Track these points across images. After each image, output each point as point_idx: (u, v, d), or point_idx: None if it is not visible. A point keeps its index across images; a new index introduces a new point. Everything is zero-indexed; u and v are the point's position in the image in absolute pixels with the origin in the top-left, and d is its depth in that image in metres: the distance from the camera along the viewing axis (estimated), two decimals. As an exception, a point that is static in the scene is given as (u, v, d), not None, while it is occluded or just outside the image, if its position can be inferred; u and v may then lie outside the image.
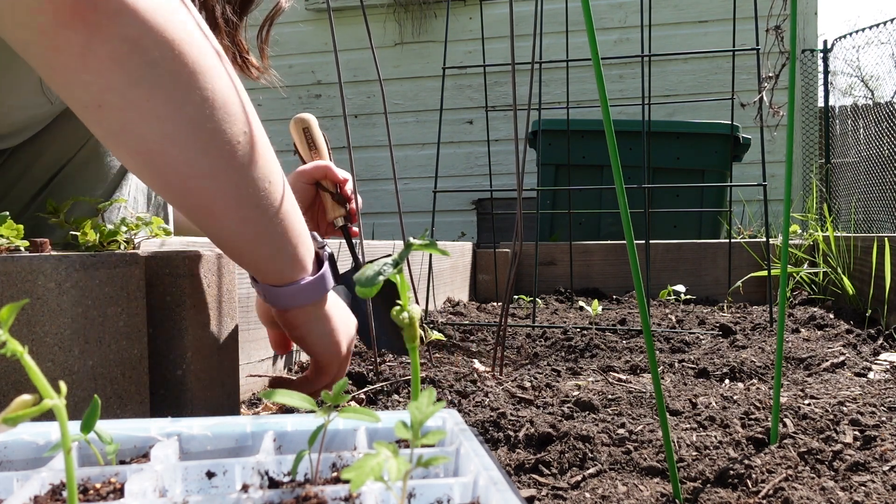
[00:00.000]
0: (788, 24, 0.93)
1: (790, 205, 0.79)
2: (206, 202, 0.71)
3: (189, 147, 0.67)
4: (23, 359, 0.37)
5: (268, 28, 1.12)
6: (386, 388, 1.06)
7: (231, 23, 1.04)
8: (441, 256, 1.78)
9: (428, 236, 0.50)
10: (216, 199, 0.71)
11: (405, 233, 1.31)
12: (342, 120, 1.16)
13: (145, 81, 0.62)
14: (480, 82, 5.16)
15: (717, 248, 2.45)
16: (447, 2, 2.00)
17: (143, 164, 0.69)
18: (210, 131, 0.67)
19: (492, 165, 2.97)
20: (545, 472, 0.77)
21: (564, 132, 3.09)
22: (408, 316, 0.47)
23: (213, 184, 0.70)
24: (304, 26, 5.54)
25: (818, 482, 0.72)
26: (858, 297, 1.85)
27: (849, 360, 1.28)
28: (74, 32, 0.59)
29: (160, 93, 0.63)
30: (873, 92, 11.13)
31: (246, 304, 1.13)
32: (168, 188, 0.71)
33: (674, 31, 5.03)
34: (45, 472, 0.46)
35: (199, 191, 0.70)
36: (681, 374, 1.23)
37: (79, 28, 0.59)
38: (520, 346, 1.50)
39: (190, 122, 0.66)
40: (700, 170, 3.27)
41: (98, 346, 0.66)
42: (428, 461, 0.41)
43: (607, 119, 0.67)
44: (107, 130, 0.66)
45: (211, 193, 0.71)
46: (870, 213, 6.18)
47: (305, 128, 1.33)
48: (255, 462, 0.48)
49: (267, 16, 1.10)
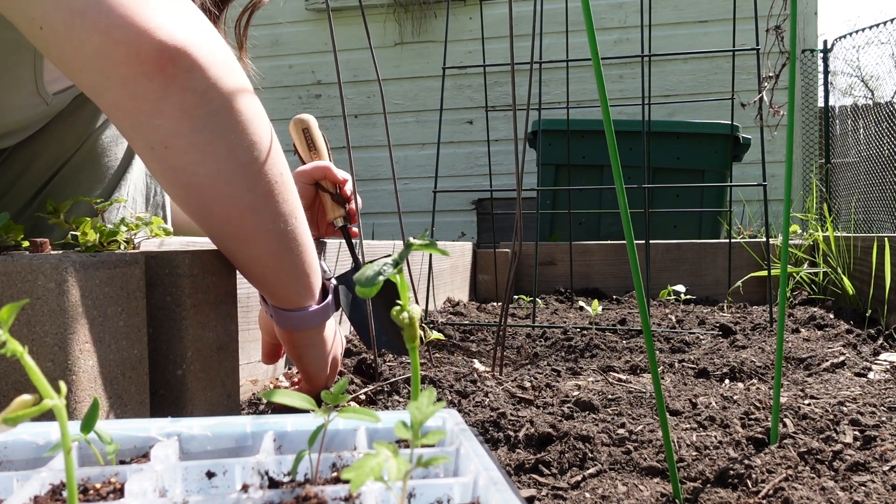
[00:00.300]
0: (788, 24, 0.93)
1: (790, 205, 0.79)
2: (243, 233, 0.80)
3: (237, 185, 0.75)
4: (23, 359, 0.37)
5: (247, 20, 1.11)
6: (386, 388, 1.06)
7: (210, 13, 1.04)
8: (441, 256, 1.78)
9: (428, 236, 0.50)
10: (252, 230, 0.80)
11: (405, 233, 1.31)
12: (342, 120, 1.16)
13: (208, 128, 0.71)
14: (480, 82, 5.17)
15: (717, 248, 2.45)
16: (447, 2, 2.00)
17: (192, 197, 0.76)
18: (255, 172, 0.76)
19: (492, 165, 2.97)
20: (545, 472, 0.77)
21: (564, 132, 3.09)
22: (408, 316, 0.47)
23: (252, 218, 0.78)
24: (303, 26, 5.54)
25: (818, 482, 0.72)
26: (858, 297, 1.85)
27: (849, 360, 1.28)
28: (152, 83, 0.67)
29: (220, 138, 0.72)
30: (873, 92, 11.13)
31: (246, 304, 1.13)
32: (210, 218, 0.78)
33: (674, 31, 5.03)
34: (45, 472, 0.46)
35: (239, 222, 0.78)
36: (681, 374, 1.23)
37: (157, 80, 0.67)
38: (520, 346, 1.50)
39: (240, 164, 0.74)
40: (700, 170, 3.27)
41: (98, 346, 0.66)
42: (428, 461, 0.41)
43: (607, 119, 0.67)
44: (166, 167, 0.74)
45: (249, 225, 0.79)
46: (870, 213, 6.18)
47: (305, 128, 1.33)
48: (255, 462, 0.48)
49: (245, 6, 1.09)
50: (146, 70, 0.66)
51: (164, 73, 0.67)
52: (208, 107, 0.70)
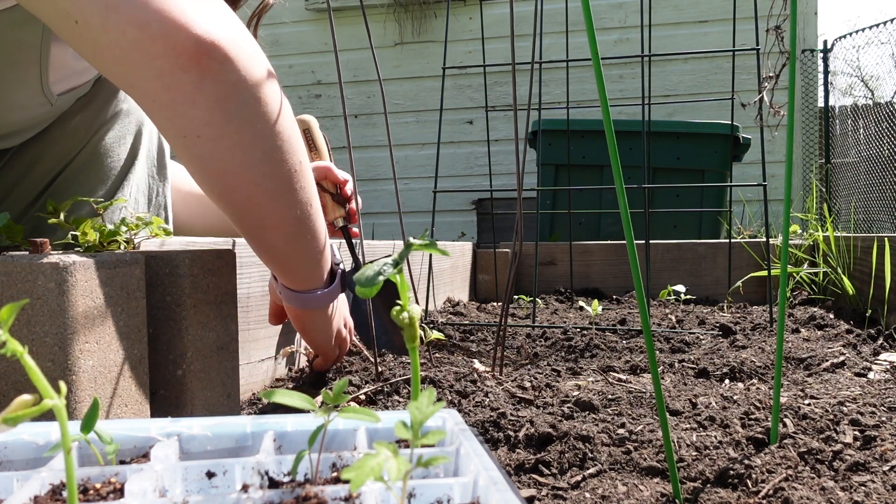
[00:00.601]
0: (788, 24, 0.93)
1: (790, 205, 0.79)
2: (263, 218, 0.84)
3: (260, 172, 0.79)
4: (23, 359, 0.37)
5: (255, 24, 1.13)
6: (386, 388, 1.06)
7: None
8: (441, 256, 1.78)
9: (428, 236, 0.50)
10: (272, 215, 0.84)
11: (405, 233, 1.31)
12: (342, 120, 1.16)
13: (238, 117, 0.74)
14: (480, 82, 5.16)
15: (717, 248, 2.45)
16: (447, 2, 1.99)
17: (217, 183, 0.80)
18: (277, 160, 0.80)
19: (492, 165, 2.97)
20: (545, 472, 0.77)
21: (564, 132, 3.09)
22: (408, 316, 0.47)
23: (272, 204, 0.82)
24: (304, 26, 5.54)
25: (818, 482, 0.72)
26: (858, 297, 1.85)
27: (849, 360, 1.28)
28: (188, 75, 0.70)
29: (248, 127, 0.75)
30: (873, 92, 11.13)
31: (246, 304, 1.13)
32: (232, 204, 0.82)
33: (674, 31, 5.03)
34: (45, 472, 0.46)
35: (260, 208, 0.82)
36: (681, 374, 1.23)
37: (193, 72, 0.70)
38: (520, 346, 1.50)
39: (264, 152, 0.78)
40: (700, 170, 3.27)
41: (98, 346, 0.66)
42: (428, 461, 0.41)
43: (607, 119, 0.67)
44: (195, 155, 0.77)
45: (269, 211, 0.83)
46: (870, 213, 6.18)
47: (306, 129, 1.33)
48: (255, 462, 0.48)
49: (254, 12, 1.11)
50: (182, 63, 0.69)
51: (199, 66, 0.70)
52: (239, 97, 0.73)
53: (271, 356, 1.23)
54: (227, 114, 0.73)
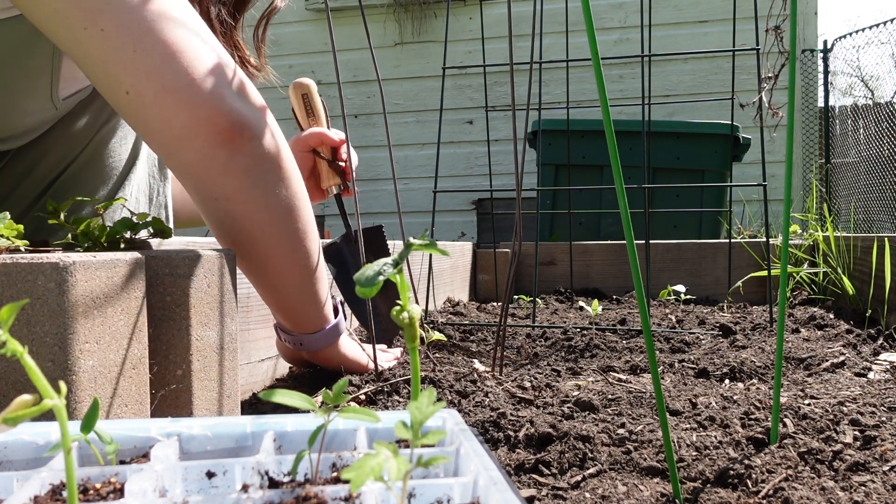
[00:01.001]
0: (788, 24, 0.93)
1: (790, 205, 0.79)
2: (281, 269, 0.95)
3: (281, 228, 0.91)
4: (23, 359, 0.37)
5: (264, 27, 1.16)
6: (386, 388, 1.06)
7: (226, 24, 1.06)
8: (441, 256, 1.78)
9: (428, 236, 0.50)
10: (288, 266, 0.95)
11: (405, 233, 1.31)
12: (342, 120, 1.16)
13: (263, 183, 0.87)
14: (480, 82, 5.16)
15: (717, 248, 2.45)
16: (447, 2, 1.99)
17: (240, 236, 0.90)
18: (294, 217, 0.92)
19: (492, 165, 2.97)
20: (545, 472, 0.77)
21: (564, 132, 3.09)
22: (408, 316, 0.47)
23: (291, 257, 0.94)
24: (304, 26, 5.54)
25: (818, 482, 0.72)
26: (858, 297, 1.85)
27: (849, 360, 1.28)
28: (223, 150, 0.82)
29: (271, 192, 0.88)
30: (873, 92, 11.13)
31: (246, 304, 1.13)
32: (254, 256, 0.92)
33: (674, 31, 5.03)
34: (45, 472, 0.46)
35: (278, 259, 0.94)
36: (681, 374, 1.23)
37: (227, 147, 0.82)
38: (520, 346, 1.50)
39: (284, 211, 0.91)
40: (700, 170, 3.27)
41: (98, 346, 0.66)
42: (428, 461, 0.41)
43: (607, 119, 0.67)
44: (223, 214, 0.88)
45: (286, 263, 0.94)
46: (870, 213, 6.18)
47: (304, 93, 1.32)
48: (255, 462, 0.48)
49: (262, 15, 1.13)
50: (220, 140, 0.81)
51: (233, 143, 0.82)
52: (263, 167, 0.86)
53: (271, 356, 1.23)
54: (253, 181, 0.86)
